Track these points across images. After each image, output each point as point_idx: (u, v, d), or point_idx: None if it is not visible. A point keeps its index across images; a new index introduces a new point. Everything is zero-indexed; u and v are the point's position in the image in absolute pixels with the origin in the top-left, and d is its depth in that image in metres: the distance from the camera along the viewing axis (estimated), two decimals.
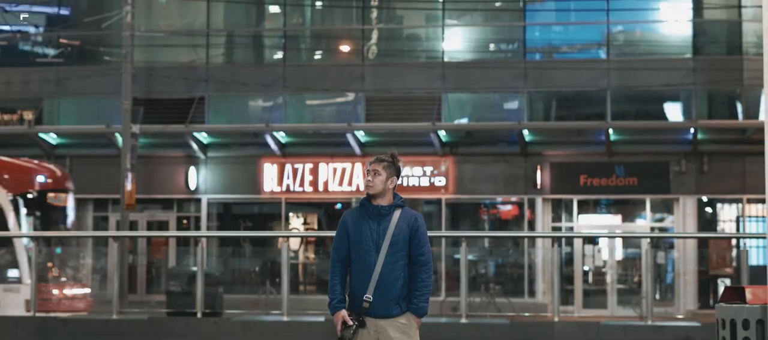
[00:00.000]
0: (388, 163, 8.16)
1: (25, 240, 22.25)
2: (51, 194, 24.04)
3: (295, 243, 32.33)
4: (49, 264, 23.85)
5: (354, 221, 8.15)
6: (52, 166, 25.70)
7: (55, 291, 23.02)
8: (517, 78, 31.72)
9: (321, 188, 32.18)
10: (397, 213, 8.11)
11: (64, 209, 24.41)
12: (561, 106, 32.55)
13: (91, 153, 32.83)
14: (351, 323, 7.98)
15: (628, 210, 32.28)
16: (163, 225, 33.45)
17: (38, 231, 23.24)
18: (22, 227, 22.81)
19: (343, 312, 8.03)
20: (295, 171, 32.27)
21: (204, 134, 32.52)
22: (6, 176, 23.55)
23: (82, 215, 31.41)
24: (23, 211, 23.02)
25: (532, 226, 31.48)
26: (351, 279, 8.15)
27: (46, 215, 24.11)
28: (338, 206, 32.49)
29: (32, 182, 23.95)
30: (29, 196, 23.53)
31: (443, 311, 27.36)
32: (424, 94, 32.05)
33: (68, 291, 23.40)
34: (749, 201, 30.76)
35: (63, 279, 24.05)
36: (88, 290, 24.81)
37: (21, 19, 31.05)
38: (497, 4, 33.76)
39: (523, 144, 31.29)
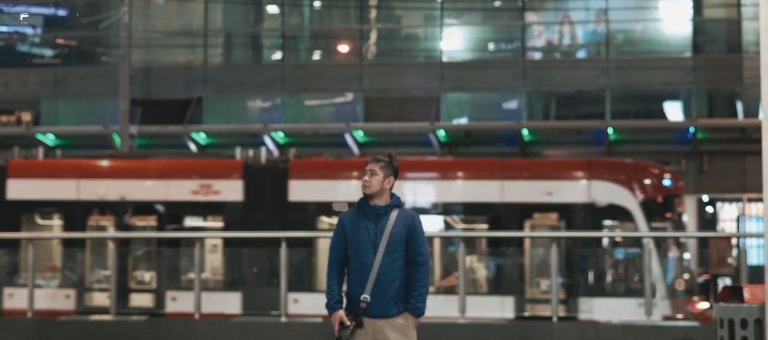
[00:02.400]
0: (386, 163, 8.13)
1: None
2: (677, 199, 21.79)
3: None
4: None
5: (351, 222, 8.12)
6: (668, 168, 23.77)
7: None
8: (516, 78, 31.64)
9: None
10: (394, 213, 8.08)
11: (681, 215, 22.28)
12: (560, 105, 32.47)
13: (90, 154, 32.75)
14: (348, 323, 7.95)
15: None
16: None
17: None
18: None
19: (341, 312, 7.99)
20: None
21: (202, 135, 32.45)
22: (632, 178, 21.34)
23: None
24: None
25: None
26: (348, 279, 8.12)
27: (676, 224, 21.72)
28: None
29: (659, 187, 21.62)
30: (657, 203, 21.37)
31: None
32: (422, 94, 31.97)
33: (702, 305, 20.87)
34: (749, 200, 30.70)
35: None
36: None
37: (19, 19, 31.00)
38: (496, 4, 33.69)
39: (522, 144, 31.22)
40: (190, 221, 23.22)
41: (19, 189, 23.30)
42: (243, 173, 22.45)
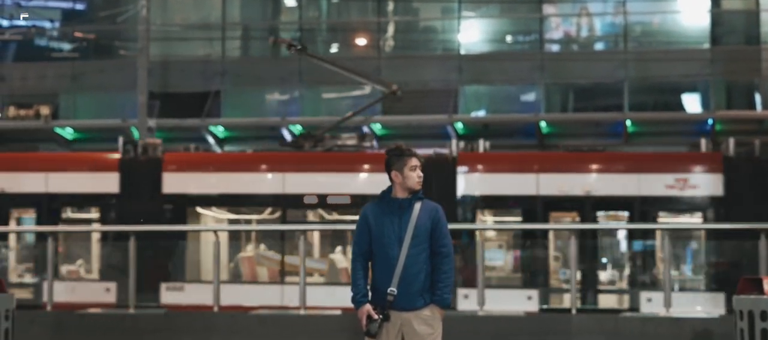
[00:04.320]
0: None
1: None
2: None
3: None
4: None
5: (375, 215, 8.13)
6: None
7: None
8: (534, 70, 31.60)
9: None
10: (417, 205, 8.09)
11: None
12: (578, 97, 32.41)
13: (108, 148, 32.79)
14: (376, 317, 7.96)
15: None
16: None
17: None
18: None
19: (368, 306, 8.01)
20: None
21: (220, 128, 32.48)
22: None
23: None
24: None
25: None
26: (373, 273, 8.12)
27: None
28: None
29: None
30: None
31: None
32: (440, 86, 31.94)
33: None
34: None
35: None
36: None
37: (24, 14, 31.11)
38: None
39: (540, 136, 31.17)
40: (663, 217, 21.71)
41: (467, 183, 22.21)
42: (723, 166, 20.65)
